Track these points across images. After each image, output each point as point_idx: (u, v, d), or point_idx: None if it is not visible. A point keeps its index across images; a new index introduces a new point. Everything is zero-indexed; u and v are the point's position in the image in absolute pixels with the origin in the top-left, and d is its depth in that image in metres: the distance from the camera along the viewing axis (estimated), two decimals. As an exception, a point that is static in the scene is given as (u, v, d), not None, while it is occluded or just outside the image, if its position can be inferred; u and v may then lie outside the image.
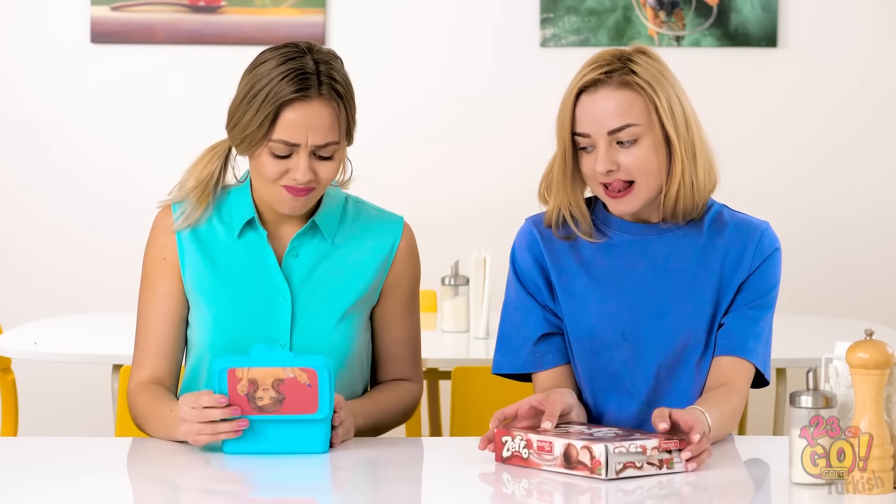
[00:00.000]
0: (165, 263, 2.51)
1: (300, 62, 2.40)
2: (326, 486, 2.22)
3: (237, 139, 2.44)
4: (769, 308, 2.44)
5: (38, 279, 5.03)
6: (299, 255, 2.51)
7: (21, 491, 2.12)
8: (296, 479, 2.22)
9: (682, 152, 2.39)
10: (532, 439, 2.22)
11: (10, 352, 3.69)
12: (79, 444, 2.47)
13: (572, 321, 2.47)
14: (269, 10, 4.94)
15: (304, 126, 2.38)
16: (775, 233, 2.47)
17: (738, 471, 2.25)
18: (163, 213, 2.55)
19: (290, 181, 2.41)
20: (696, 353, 2.44)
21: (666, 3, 4.96)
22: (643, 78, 2.38)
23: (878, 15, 5.03)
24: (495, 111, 5.04)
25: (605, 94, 2.38)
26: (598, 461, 2.14)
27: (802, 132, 5.05)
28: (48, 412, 4.93)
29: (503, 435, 2.24)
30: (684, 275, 2.45)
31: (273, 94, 2.37)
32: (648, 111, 2.38)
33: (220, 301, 2.49)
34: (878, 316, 4.85)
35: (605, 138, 2.37)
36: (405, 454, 2.41)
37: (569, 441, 2.18)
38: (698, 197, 2.42)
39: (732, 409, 2.38)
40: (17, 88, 5.02)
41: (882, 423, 2.03)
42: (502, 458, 2.25)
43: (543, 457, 2.21)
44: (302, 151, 2.39)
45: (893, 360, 2.05)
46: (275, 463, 2.26)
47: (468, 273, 4.01)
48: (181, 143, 4.99)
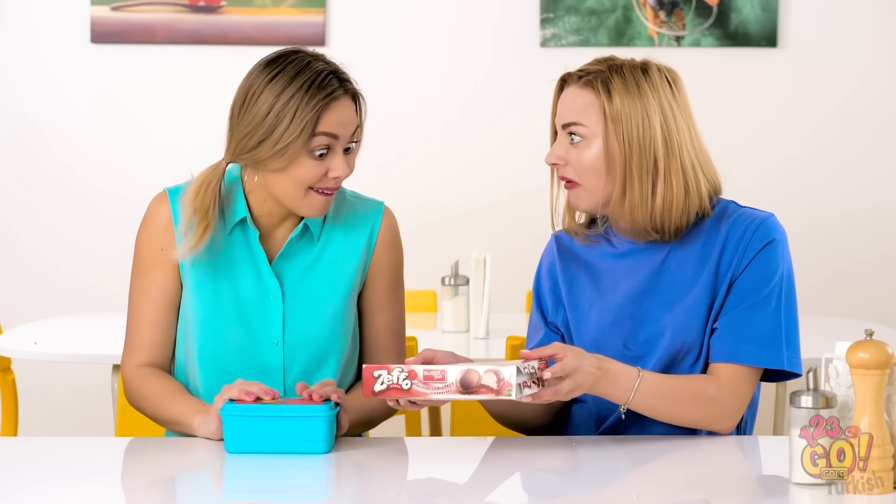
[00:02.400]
0: (163, 254, 2.52)
1: (314, 67, 2.44)
2: (327, 488, 2.22)
3: (266, 154, 2.43)
4: (768, 303, 2.42)
5: (39, 279, 5.03)
6: (290, 256, 2.53)
7: (21, 491, 2.12)
8: (294, 480, 2.22)
9: (630, 170, 2.40)
10: (416, 370, 2.19)
11: (10, 352, 3.69)
12: (79, 444, 2.47)
13: (577, 331, 2.50)
14: (269, 10, 4.94)
15: (339, 123, 2.43)
16: (779, 223, 2.46)
17: (738, 471, 2.25)
18: (159, 201, 2.54)
19: (328, 182, 2.44)
20: (692, 356, 2.44)
21: (666, 3, 4.96)
22: (615, 87, 2.41)
23: (878, 15, 5.03)
24: (495, 111, 5.04)
25: (573, 90, 2.46)
26: (508, 382, 2.14)
27: (802, 132, 5.05)
28: (48, 412, 4.93)
29: (375, 369, 2.21)
30: (684, 278, 2.45)
31: (306, 102, 2.40)
32: (601, 120, 2.42)
33: (213, 298, 2.50)
34: (878, 316, 4.85)
35: (561, 131, 2.46)
36: (405, 454, 2.41)
37: (467, 367, 2.17)
38: (667, 216, 2.42)
39: (693, 390, 2.37)
40: (17, 88, 5.02)
41: (882, 423, 2.03)
42: (373, 392, 2.21)
43: (432, 385, 2.18)
44: (339, 147, 2.44)
45: (893, 360, 2.05)
46: (274, 463, 2.26)
47: (468, 273, 4.01)
48: (181, 143, 5.00)
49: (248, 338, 2.50)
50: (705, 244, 2.46)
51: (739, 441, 2.44)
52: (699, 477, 2.19)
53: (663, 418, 2.37)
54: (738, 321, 2.41)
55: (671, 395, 2.36)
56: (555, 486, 2.14)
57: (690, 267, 2.45)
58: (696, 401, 2.37)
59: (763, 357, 2.40)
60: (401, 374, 2.20)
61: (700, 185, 2.44)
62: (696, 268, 2.45)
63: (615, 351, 2.45)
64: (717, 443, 2.40)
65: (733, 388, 2.40)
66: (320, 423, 2.28)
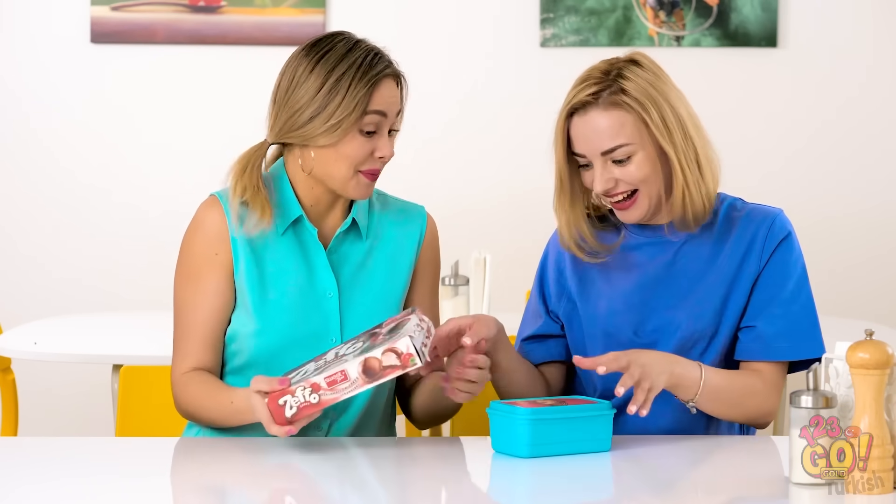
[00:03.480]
0: (217, 259, 2.48)
1: (364, 46, 2.48)
2: (328, 488, 2.22)
3: (318, 130, 2.43)
4: (796, 297, 2.45)
5: (38, 279, 5.03)
6: (340, 252, 2.52)
7: (21, 491, 2.12)
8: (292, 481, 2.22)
9: (680, 161, 2.42)
10: (317, 381, 2.20)
11: (10, 352, 3.69)
12: (79, 444, 2.47)
13: (587, 319, 2.51)
14: (269, 10, 4.94)
15: (388, 101, 2.47)
16: (788, 219, 2.50)
17: (738, 471, 2.25)
18: (210, 204, 2.50)
19: (374, 163, 2.46)
20: (701, 345, 2.46)
21: (666, 3, 4.96)
22: (633, 95, 2.40)
23: (878, 15, 5.03)
24: (495, 111, 5.04)
25: (595, 116, 2.41)
26: (409, 353, 2.16)
27: (802, 132, 5.05)
28: (48, 412, 4.93)
29: (279, 398, 2.21)
30: (696, 271, 2.48)
31: (359, 76, 2.43)
32: (639, 129, 2.40)
33: (269, 302, 2.47)
34: (878, 316, 4.85)
35: (600, 158, 2.41)
36: (405, 453, 2.41)
37: (361, 357, 2.18)
38: (706, 199, 2.45)
39: (746, 389, 2.41)
40: (16, 89, 5.02)
41: (882, 423, 2.03)
42: (287, 419, 2.22)
43: (339, 388, 2.19)
44: (385, 127, 2.47)
45: (893, 360, 2.05)
46: (272, 463, 2.26)
47: (468, 273, 4.01)
48: (181, 144, 5.00)
49: (306, 335, 2.47)
50: (719, 237, 2.49)
51: (740, 441, 2.44)
52: (699, 477, 2.19)
53: (715, 414, 2.41)
54: (774, 319, 2.44)
55: (730, 385, 2.39)
56: (555, 486, 2.14)
57: (703, 258, 2.48)
58: (748, 396, 2.41)
59: (801, 350, 2.45)
60: (305, 392, 2.21)
61: (715, 162, 2.47)
62: (708, 259, 2.48)
63: (626, 338, 2.48)
64: (716, 442, 2.40)
65: (775, 384, 2.44)
66: (606, 422, 2.27)
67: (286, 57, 2.51)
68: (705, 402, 2.38)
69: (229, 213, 2.47)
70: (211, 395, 2.43)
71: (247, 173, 2.47)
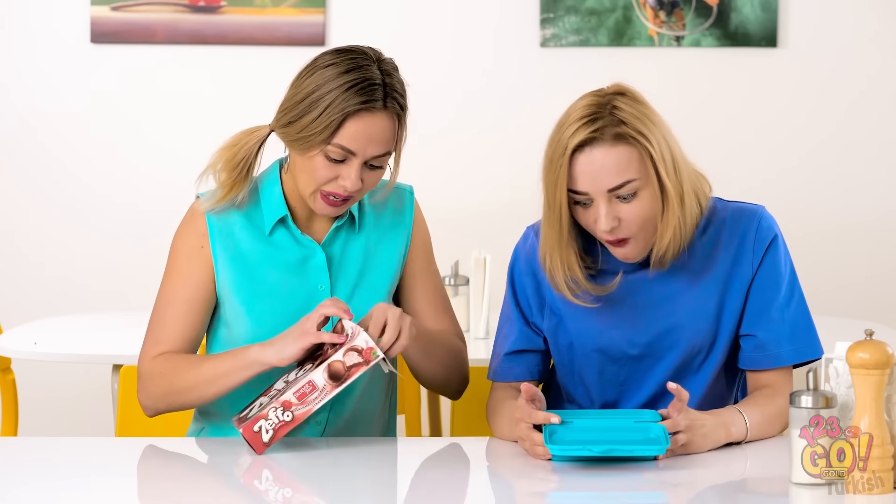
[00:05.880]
0: (202, 252, 2.48)
1: (368, 72, 2.39)
2: (328, 488, 2.22)
3: (292, 136, 2.40)
4: (790, 298, 2.44)
5: (38, 279, 5.03)
6: (333, 246, 2.51)
7: (21, 491, 2.12)
8: (292, 481, 2.22)
9: (673, 197, 2.34)
10: (287, 398, 2.23)
11: (10, 352, 3.69)
12: (79, 444, 2.47)
13: (577, 335, 2.48)
14: (269, 10, 4.94)
15: (366, 137, 2.38)
16: (771, 215, 2.47)
17: (738, 471, 2.25)
18: (198, 205, 2.51)
19: (335, 188, 2.40)
20: (700, 357, 2.45)
21: (666, 3, 4.96)
22: (634, 127, 2.30)
23: (879, 15, 5.03)
24: (495, 111, 5.04)
25: (601, 152, 2.31)
26: (370, 347, 2.20)
27: (802, 132, 5.05)
28: (48, 412, 4.93)
29: (252, 425, 2.24)
30: (687, 282, 2.45)
31: (339, 101, 2.35)
32: (645, 163, 2.32)
33: (257, 300, 2.48)
34: (879, 316, 4.85)
35: (605, 195, 2.32)
36: (405, 454, 2.41)
37: (324, 365, 2.21)
38: (685, 237, 2.40)
39: (777, 409, 2.40)
40: (16, 89, 5.02)
41: (882, 423, 2.03)
42: (265, 443, 2.25)
43: (310, 399, 2.22)
44: (356, 161, 2.39)
45: (893, 360, 2.05)
46: (272, 464, 2.26)
47: (468, 273, 4.01)
48: (181, 144, 5.00)
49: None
50: (708, 244, 2.45)
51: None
52: (699, 477, 2.19)
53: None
54: (773, 324, 2.43)
55: (768, 419, 2.39)
56: (554, 486, 2.14)
57: (694, 270, 2.44)
58: (781, 416, 2.40)
59: (803, 352, 2.44)
60: (277, 412, 2.24)
61: (701, 188, 2.45)
62: (699, 269, 2.44)
63: (619, 352, 2.45)
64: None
65: (786, 389, 2.43)
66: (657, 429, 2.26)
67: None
68: (751, 440, 2.39)
69: (210, 219, 2.48)
70: (193, 361, 2.40)
71: (231, 150, 2.45)
